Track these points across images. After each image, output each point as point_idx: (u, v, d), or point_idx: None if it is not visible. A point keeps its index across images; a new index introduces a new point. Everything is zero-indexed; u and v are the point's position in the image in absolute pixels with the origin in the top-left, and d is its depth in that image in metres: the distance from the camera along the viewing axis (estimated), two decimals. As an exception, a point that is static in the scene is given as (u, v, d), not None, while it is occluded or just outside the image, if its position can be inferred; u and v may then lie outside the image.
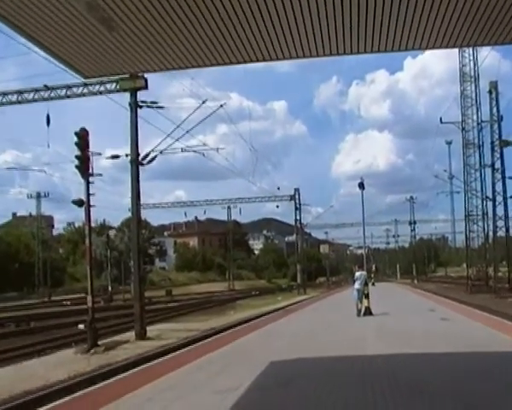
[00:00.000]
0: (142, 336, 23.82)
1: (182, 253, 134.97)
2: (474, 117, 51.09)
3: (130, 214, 34.56)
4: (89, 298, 21.97)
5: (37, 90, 30.01)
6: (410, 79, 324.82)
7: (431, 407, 7.79)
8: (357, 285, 25.12)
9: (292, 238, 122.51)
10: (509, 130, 53.39)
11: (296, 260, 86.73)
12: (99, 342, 21.35)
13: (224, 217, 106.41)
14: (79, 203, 22.16)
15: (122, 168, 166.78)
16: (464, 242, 58.59)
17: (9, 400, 12.66)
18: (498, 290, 44.81)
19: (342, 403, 8.28)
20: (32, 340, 25.34)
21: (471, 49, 48.48)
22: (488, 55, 50.75)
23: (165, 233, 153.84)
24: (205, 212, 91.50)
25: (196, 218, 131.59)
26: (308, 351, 14.37)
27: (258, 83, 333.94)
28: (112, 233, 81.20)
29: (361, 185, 31.20)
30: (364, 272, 26.56)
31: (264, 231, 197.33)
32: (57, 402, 9.86)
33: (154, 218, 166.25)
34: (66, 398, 10.30)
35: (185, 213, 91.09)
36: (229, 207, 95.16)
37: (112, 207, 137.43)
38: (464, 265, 65.59)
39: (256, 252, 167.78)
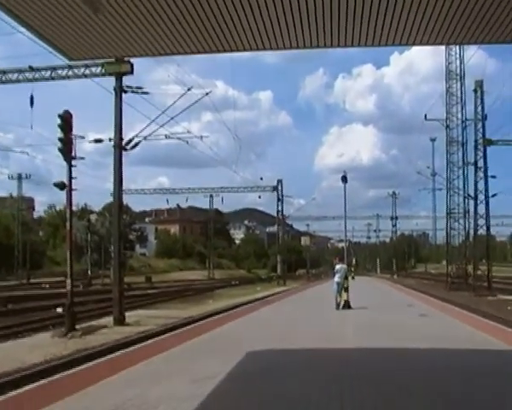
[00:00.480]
0: (120, 321, 23.79)
1: (162, 239, 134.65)
2: (459, 115, 51.50)
3: (111, 199, 34.46)
4: (68, 282, 21.91)
5: (21, 71, 29.76)
6: (396, 74, 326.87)
7: (406, 400, 7.83)
8: (337, 278, 25.18)
9: (273, 229, 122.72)
10: (492, 129, 53.90)
11: (277, 251, 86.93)
12: (77, 327, 21.32)
13: (206, 205, 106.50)
14: (61, 186, 22.05)
15: (105, 153, 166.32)
16: (445, 239, 59.00)
17: (-16, 381, 12.59)
18: (477, 288, 45.18)
19: (317, 394, 8.30)
20: (9, 322, 25.19)
21: (458, 47, 48.78)
22: (474, 54, 51.29)
23: (147, 219, 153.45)
24: (187, 199, 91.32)
25: (178, 205, 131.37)
26: (285, 342, 14.40)
27: (245, 72, 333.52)
28: (93, 217, 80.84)
29: (344, 179, 31.19)
30: (345, 266, 26.63)
31: (246, 221, 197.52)
32: (33, 385, 9.80)
33: (135, 203, 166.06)
34: (42, 381, 10.24)
35: (167, 200, 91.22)
36: (211, 196, 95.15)
37: (93, 191, 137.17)
38: (444, 262, 66.08)
39: (237, 242, 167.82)
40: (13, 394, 9.08)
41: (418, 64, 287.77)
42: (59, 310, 27.14)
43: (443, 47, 49.56)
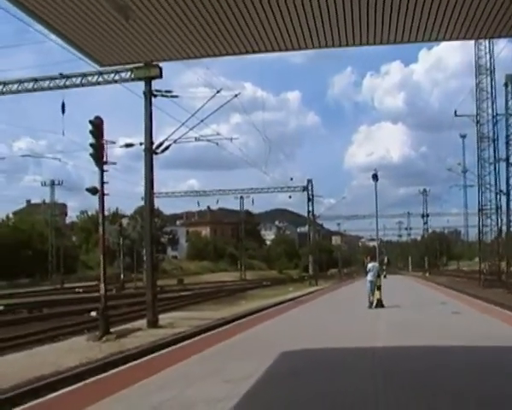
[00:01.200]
0: (153, 324, 23.92)
1: (194, 242, 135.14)
2: (489, 110, 50.89)
3: (142, 203, 34.66)
4: (101, 286, 22.07)
5: (52, 79, 30.08)
6: (424, 70, 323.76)
7: (442, 400, 7.78)
8: (369, 277, 25.11)
9: (304, 229, 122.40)
10: (524, 123, 52.89)
11: (308, 251, 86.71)
12: (111, 330, 21.46)
13: (236, 207, 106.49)
14: (93, 191, 22.25)
15: (135, 157, 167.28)
16: (477, 236, 58.39)
17: (22, 385, 12.76)
18: (511, 285, 44.60)
19: (352, 394, 8.29)
20: (45, 326, 25.47)
21: (487, 41, 48.18)
22: (504, 48, 50.59)
23: (178, 222, 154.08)
24: (217, 201, 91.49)
25: (209, 207, 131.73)
26: (319, 342, 14.38)
27: (272, 73, 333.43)
28: (124, 221, 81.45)
29: (375, 177, 31.05)
30: (377, 264, 26.53)
31: (276, 222, 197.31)
32: (69, 388, 9.91)
33: (166, 206, 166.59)
34: (78, 384, 10.36)
35: (198, 203, 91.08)
36: (241, 197, 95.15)
37: (124, 195, 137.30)
38: (476, 259, 65.35)
39: (268, 242, 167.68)
40: (49, 397, 9.19)
41: (447, 59, 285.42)
42: (93, 314, 27.39)
43: (472, 41, 49.09)
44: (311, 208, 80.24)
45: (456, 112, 56.24)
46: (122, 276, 66.29)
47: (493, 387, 8.72)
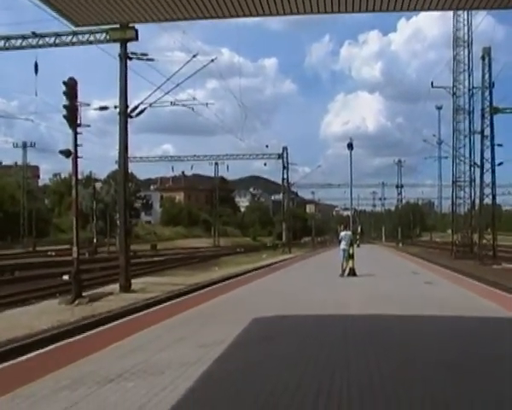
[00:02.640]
0: (126, 288, 23.93)
1: (168, 207, 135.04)
2: (466, 83, 51.14)
3: (116, 167, 34.52)
4: (74, 249, 21.99)
5: (24, 37, 29.53)
6: (403, 41, 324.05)
7: (413, 369, 7.88)
8: (342, 245, 25.25)
9: (278, 197, 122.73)
10: (499, 97, 53.25)
11: (282, 219, 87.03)
12: (83, 294, 21.42)
13: (211, 173, 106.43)
14: (67, 154, 22.04)
15: (109, 120, 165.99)
16: (450, 207, 58.88)
17: (-6, 346, 12.70)
18: (482, 257, 45.19)
19: (324, 360, 8.36)
20: (16, 289, 25.39)
21: (466, 13, 48.21)
22: (483, 21, 50.65)
23: (152, 187, 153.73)
24: (192, 167, 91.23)
25: (183, 173, 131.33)
26: (291, 309, 14.47)
27: (250, 39, 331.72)
28: (98, 185, 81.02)
29: (350, 146, 31.06)
30: (350, 233, 26.64)
31: (251, 189, 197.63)
32: (41, 351, 9.87)
33: (140, 171, 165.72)
34: (50, 346, 10.33)
35: (172, 168, 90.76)
36: (216, 164, 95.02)
37: (98, 158, 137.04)
38: (449, 230, 66.04)
39: (242, 209, 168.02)
40: (22, 359, 9.15)
41: (425, 30, 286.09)
42: (65, 278, 27.27)
43: (451, 13, 49.07)
44: (285, 176, 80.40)
45: (432, 83, 56.35)
46: (95, 240, 66.10)
47: (461, 352, 8.86)
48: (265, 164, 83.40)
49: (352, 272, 24.62)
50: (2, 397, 6.53)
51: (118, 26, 23.11)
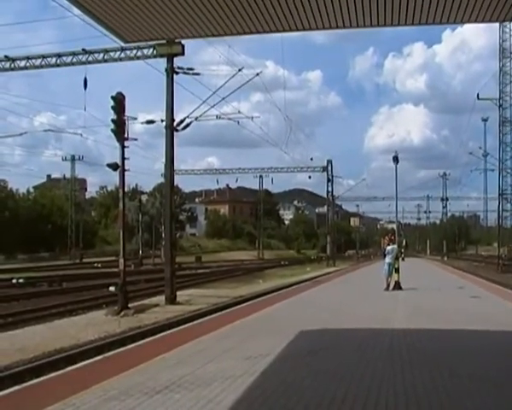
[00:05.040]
0: (171, 300, 24.10)
1: (212, 220, 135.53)
2: (513, 94, 50.36)
3: (162, 179, 34.89)
4: (121, 261, 22.24)
5: (75, 54, 30.11)
6: (447, 52, 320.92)
7: (458, 383, 7.78)
8: (388, 259, 25.05)
9: (322, 210, 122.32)
10: (547, 108, 52.31)
11: (326, 232, 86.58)
12: (129, 305, 21.65)
13: (255, 186, 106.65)
14: (114, 167, 22.34)
15: (155, 133, 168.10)
16: (496, 220, 58.04)
17: (42, 356, 12.95)
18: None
19: (370, 374, 8.32)
20: (64, 300, 25.80)
21: (512, 24, 47.61)
22: (530, 31, 49.81)
23: (197, 200, 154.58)
24: (237, 180, 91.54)
25: (228, 185, 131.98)
26: (337, 322, 14.43)
27: (294, 52, 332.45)
28: (144, 198, 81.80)
29: (395, 159, 30.78)
30: (396, 247, 26.43)
31: (295, 202, 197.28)
32: (88, 361, 10.04)
33: (185, 184, 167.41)
34: (97, 357, 10.49)
35: (217, 181, 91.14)
36: (261, 176, 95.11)
37: (144, 171, 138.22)
38: (495, 244, 64.98)
39: (286, 222, 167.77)
40: (70, 369, 9.32)
41: (471, 42, 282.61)
42: (111, 289, 27.60)
43: (497, 24, 48.50)
44: (330, 189, 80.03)
45: (478, 95, 55.67)
46: (140, 252, 66.70)
47: (506, 368, 8.74)
48: (310, 177, 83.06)
49: (398, 286, 24.41)
50: (52, 406, 6.66)
51: (165, 41, 23.40)
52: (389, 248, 25.71)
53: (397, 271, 24.91)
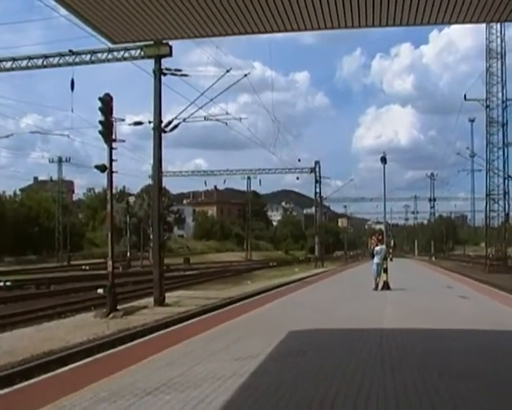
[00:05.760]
0: (160, 302, 24.06)
1: (200, 221, 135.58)
2: (499, 95, 50.69)
3: (149, 181, 34.85)
4: (109, 263, 22.20)
5: (62, 55, 29.99)
6: (434, 53, 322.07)
7: (448, 383, 7.81)
8: (376, 259, 25.12)
9: (310, 211, 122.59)
10: (534, 109, 52.68)
11: (314, 233, 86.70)
12: (118, 307, 21.60)
13: (243, 187, 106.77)
14: (102, 169, 22.28)
15: (142, 135, 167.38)
16: (483, 221, 58.35)
17: (31, 359, 12.90)
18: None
19: (360, 374, 8.33)
20: (52, 303, 25.71)
21: (499, 24, 47.85)
22: (516, 32, 50.18)
23: (185, 201, 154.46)
24: (224, 181, 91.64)
25: (216, 187, 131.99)
26: (326, 322, 14.46)
27: (282, 53, 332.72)
28: (131, 200, 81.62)
29: (383, 160, 30.98)
30: (384, 247, 26.51)
31: (283, 203, 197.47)
32: (78, 363, 10.01)
33: (173, 185, 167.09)
34: (87, 359, 10.46)
35: (205, 182, 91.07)
36: (248, 178, 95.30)
37: (131, 173, 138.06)
38: (483, 244, 65.32)
39: (274, 223, 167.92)
40: (59, 371, 9.29)
41: (458, 42, 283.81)
42: (100, 291, 27.52)
43: (483, 25, 48.74)
44: (318, 190, 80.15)
45: (465, 96, 55.91)
46: (128, 254, 66.56)
47: (504, 369, 8.77)
48: (298, 178, 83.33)
49: (387, 286, 24.50)
50: (43, 409, 6.64)
51: (152, 42, 23.37)
52: (378, 248, 25.78)
53: (385, 271, 25.00)
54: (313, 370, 8.67)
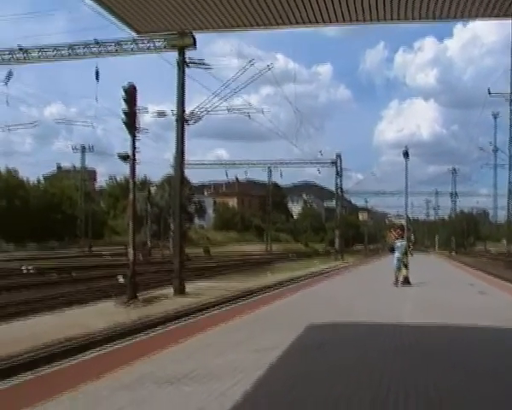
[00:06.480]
0: (180, 291, 24.20)
1: (221, 212, 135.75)
2: (525, 89, 50.17)
3: (170, 171, 35.00)
4: (130, 251, 22.35)
5: (87, 45, 30.17)
6: (459, 47, 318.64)
7: (466, 379, 7.81)
8: (397, 254, 25.03)
9: (331, 204, 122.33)
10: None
11: (335, 226, 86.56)
12: (138, 296, 21.76)
13: (264, 179, 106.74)
14: (125, 158, 22.42)
15: (164, 124, 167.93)
16: (506, 217, 57.89)
17: (53, 344, 13.06)
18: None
19: (379, 370, 8.35)
20: (74, 289, 25.95)
21: (525, 20, 47.30)
22: (542, 27, 49.56)
23: (205, 192, 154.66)
24: (246, 173, 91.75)
25: (237, 178, 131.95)
26: (346, 316, 14.45)
27: (305, 45, 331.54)
28: (152, 189, 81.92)
29: (405, 154, 30.74)
30: (405, 242, 26.40)
31: (304, 195, 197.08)
32: (99, 350, 10.13)
33: (194, 176, 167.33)
34: (108, 347, 10.58)
35: (226, 173, 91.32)
36: (270, 170, 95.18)
37: (152, 162, 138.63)
38: (504, 241, 64.81)
39: (295, 215, 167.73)
40: (82, 358, 9.41)
41: (483, 36, 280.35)
42: (120, 279, 27.77)
43: (509, 19, 48.19)
44: (339, 183, 79.97)
45: (489, 90, 55.54)
46: (149, 243, 66.86)
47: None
48: (319, 171, 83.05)
49: (407, 281, 24.41)
50: (65, 393, 6.73)
51: (176, 33, 23.43)
52: (398, 243, 25.69)
53: (406, 266, 24.90)
54: (332, 364, 8.69)
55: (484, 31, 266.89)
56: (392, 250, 25.73)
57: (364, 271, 40.00)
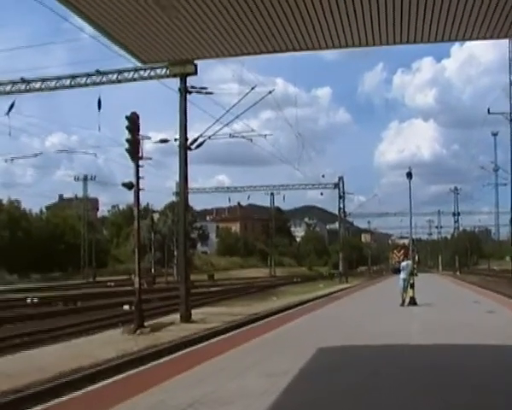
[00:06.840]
0: (187, 318, 24.07)
1: (224, 238, 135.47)
2: (523, 107, 50.28)
3: (173, 198, 35.03)
4: (136, 279, 22.29)
5: (89, 75, 30.36)
6: (456, 67, 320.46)
7: (476, 400, 7.77)
8: (402, 275, 25.01)
9: (333, 226, 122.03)
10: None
11: (338, 249, 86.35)
12: (145, 324, 21.66)
13: (266, 203, 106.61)
14: (129, 186, 22.40)
15: (165, 152, 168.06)
16: (509, 235, 57.84)
17: (60, 376, 12.97)
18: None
19: (388, 392, 8.31)
20: (80, 319, 25.82)
21: (522, 38, 47.60)
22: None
23: (208, 218, 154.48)
24: (248, 197, 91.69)
25: (239, 203, 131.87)
26: (354, 339, 14.41)
27: (304, 69, 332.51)
28: (155, 216, 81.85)
29: (409, 175, 30.81)
30: (410, 262, 26.39)
31: (306, 219, 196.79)
32: (107, 380, 10.07)
33: (196, 202, 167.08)
34: (117, 376, 10.52)
35: (229, 198, 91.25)
36: (272, 194, 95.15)
37: (154, 190, 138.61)
38: (508, 258, 64.66)
39: (298, 239, 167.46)
40: (91, 388, 9.36)
41: (480, 56, 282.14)
42: (126, 308, 27.67)
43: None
44: (341, 206, 79.89)
45: (489, 110, 55.64)
46: (153, 270, 66.73)
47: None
48: (322, 194, 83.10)
49: (413, 302, 24.36)
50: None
51: (178, 61, 23.55)
52: (404, 263, 25.70)
53: (412, 286, 24.86)
54: (344, 388, 8.65)
55: (481, 50, 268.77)
56: (396, 271, 25.72)
57: (370, 292, 39.86)
